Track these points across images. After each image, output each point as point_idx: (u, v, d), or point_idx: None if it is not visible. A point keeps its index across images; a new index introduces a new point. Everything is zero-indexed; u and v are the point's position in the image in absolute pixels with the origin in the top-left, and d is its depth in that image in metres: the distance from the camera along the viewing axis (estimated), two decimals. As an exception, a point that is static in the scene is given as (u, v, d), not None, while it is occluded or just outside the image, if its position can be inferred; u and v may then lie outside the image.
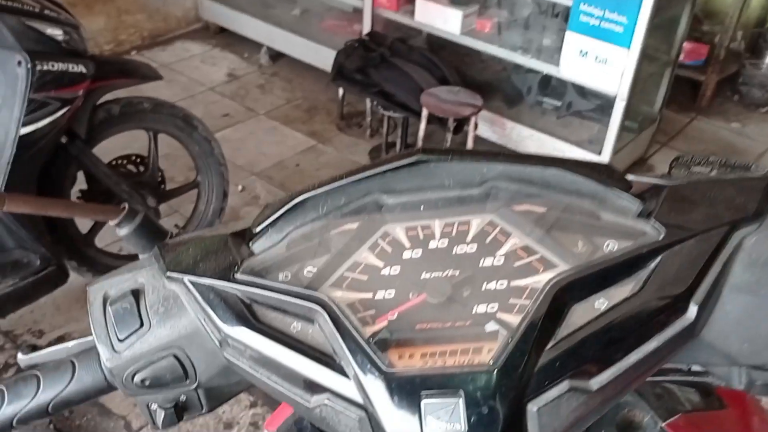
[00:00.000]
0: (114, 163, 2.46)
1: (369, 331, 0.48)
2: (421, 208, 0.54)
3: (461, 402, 0.43)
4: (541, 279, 0.48)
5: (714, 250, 0.47)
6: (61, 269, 2.18)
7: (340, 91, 3.85)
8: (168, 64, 4.44)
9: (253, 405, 2.25)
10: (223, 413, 2.22)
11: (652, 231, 0.48)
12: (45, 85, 1.93)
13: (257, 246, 0.56)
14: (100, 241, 2.53)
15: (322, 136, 3.83)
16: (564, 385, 0.43)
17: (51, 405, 0.59)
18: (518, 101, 3.70)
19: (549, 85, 3.62)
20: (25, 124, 1.91)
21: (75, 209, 0.56)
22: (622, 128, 3.22)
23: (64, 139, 2.16)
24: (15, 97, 1.88)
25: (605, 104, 3.25)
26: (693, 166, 0.56)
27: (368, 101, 3.73)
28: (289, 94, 4.24)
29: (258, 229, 0.56)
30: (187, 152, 2.69)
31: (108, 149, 2.47)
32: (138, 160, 2.54)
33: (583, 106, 3.48)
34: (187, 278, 0.54)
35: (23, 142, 1.91)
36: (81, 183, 2.37)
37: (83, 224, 2.44)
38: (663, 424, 0.63)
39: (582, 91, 3.44)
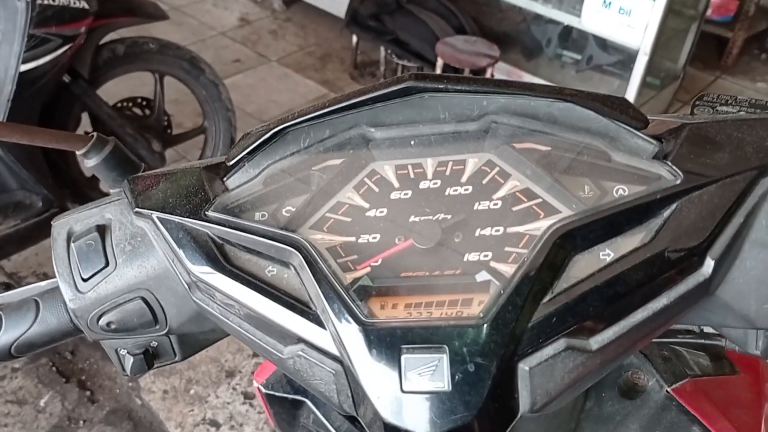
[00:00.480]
0: (119, 105, 2.42)
1: (349, 277, 0.44)
2: (412, 144, 0.49)
3: (445, 358, 0.39)
4: (541, 226, 0.43)
5: (737, 198, 0.42)
6: (64, 212, 2.15)
7: (354, 38, 3.77)
8: (179, 6, 4.35)
9: (256, 354, 2.25)
10: (225, 361, 2.22)
11: (669, 175, 0.43)
12: (45, 20, 1.87)
13: (232, 181, 0.52)
14: (105, 184, 2.50)
15: (334, 85, 3.76)
16: (560, 344, 0.39)
17: (14, 346, 0.55)
18: (537, 53, 3.60)
19: (569, 37, 3.51)
20: (25, 61, 1.86)
21: (36, 135, 0.52)
22: (644, 84, 3.13)
23: (66, 78, 2.12)
24: (15, 32, 1.82)
25: (627, 59, 3.16)
26: (719, 105, 0.50)
27: (382, 49, 3.66)
28: (302, 40, 4.16)
29: (233, 161, 0.51)
30: (194, 97, 2.64)
31: (115, 93, 2.43)
32: (144, 103, 2.50)
33: (604, 60, 3.37)
34: (155, 215, 0.50)
35: (24, 79, 1.87)
36: (86, 126, 2.34)
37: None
38: (669, 389, 0.59)
39: (603, 44, 3.33)
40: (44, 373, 2.19)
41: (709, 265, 0.41)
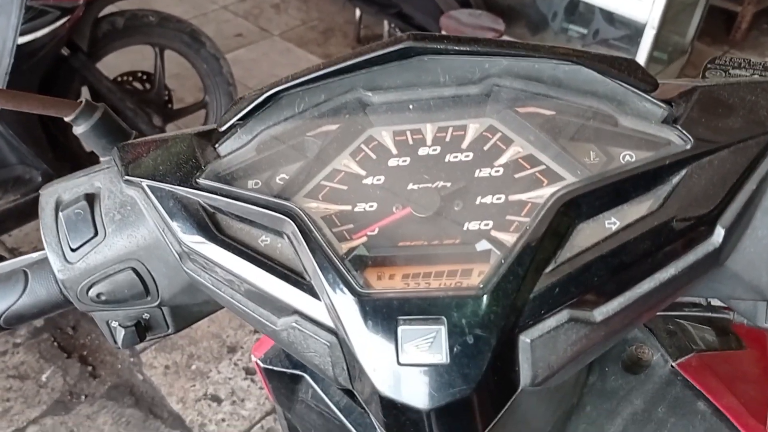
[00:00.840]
0: (119, 79, 2.40)
1: (345, 247, 0.43)
2: (411, 108, 0.47)
3: (443, 330, 0.37)
4: (544, 193, 0.41)
5: (749, 164, 0.40)
6: (63, 186, 2.14)
7: (357, 12, 3.73)
8: (180, -20, 4.30)
9: (258, 330, 2.25)
10: (227, 337, 2.22)
11: (678, 140, 0.41)
12: (43, -9, 1.85)
13: (224, 148, 0.50)
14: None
15: (337, 60, 3.72)
16: (563, 315, 0.38)
17: (3, 318, 0.54)
18: (542, 27, 3.55)
19: (575, 10, 3.46)
20: (23, 33, 1.83)
21: (23, 100, 0.50)
22: (651, 59, 3.09)
23: (65, 52, 2.10)
24: (12, 4, 1.79)
25: (634, 33, 3.11)
26: (731, 68, 0.48)
27: (386, 23, 3.62)
28: (305, 14, 4.12)
29: (224, 127, 0.49)
30: (195, 72, 2.61)
31: (115, 67, 2.40)
32: (144, 77, 2.47)
33: (611, 34, 3.32)
34: (145, 183, 0.48)
35: (21, 51, 1.84)
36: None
37: (88, 142, 2.40)
38: (674, 364, 0.57)
39: (610, 18, 3.28)
40: (46, 348, 2.19)
41: (719, 234, 0.39)
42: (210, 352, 2.18)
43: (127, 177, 0.49)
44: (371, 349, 0.38)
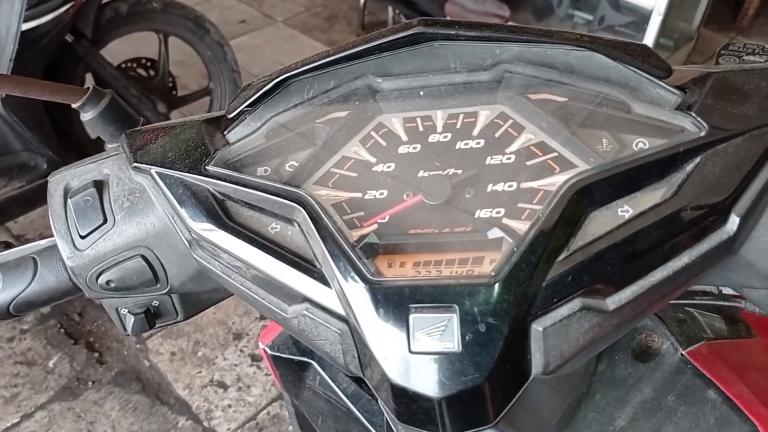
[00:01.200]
0: (123, 66, 2.39)
1: (355, 234, 0.42)
2: (421, 95, 0.47)
3: (455, 318, 0.37)
4: (557, 181, 0.41)
5: (765, 151, 0.39)
6: (69, 173, 2.14)
7: (362, -2, 3.71)
8: (184, -34, 4.28)
9: (264, 316, 2.25)
10: (233, 324, 2.23)
11: (692, 127, 0.41)
12: (47, -23, 1.84)
13: (233, 135, 0.50)
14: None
15: (341, 47, 3.70)
16: (575, 304, 0.37)
17: (12, 305, 0.54)
18: (548, 13, 3.53)
19: (582, -4, 3.44)
20: (27, 20, 1.82)
21: (30, 87, 0.51)
22: (657, 46, 3.07)
23: (69, 38, 2.09)
24: (15, -10, 1.79)
25: (640, 19, 3.09)
26: (745, 54, 0.48)
27: (390, 10, 3.60)
28: (309, 1, 4.10)
29: (233, 114, 0.49)
30: (199, 59, 2.60)
31: (119, 53, 2.40)
32: (148, 63, 2.47)
33: (617, 20, 3.30)
34: (154, 170, 0.48)
35: (26, 38, 1.83)
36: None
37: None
38: (684, 352, 0.57)
39: (616, 4, 3.26)
40: (53, 334, 2.20)
41: (733, 222, 0.39)
42: (216, 339, 2.19)
43: (135, 164, 0.49)
44: (382, 337, 0.38)
